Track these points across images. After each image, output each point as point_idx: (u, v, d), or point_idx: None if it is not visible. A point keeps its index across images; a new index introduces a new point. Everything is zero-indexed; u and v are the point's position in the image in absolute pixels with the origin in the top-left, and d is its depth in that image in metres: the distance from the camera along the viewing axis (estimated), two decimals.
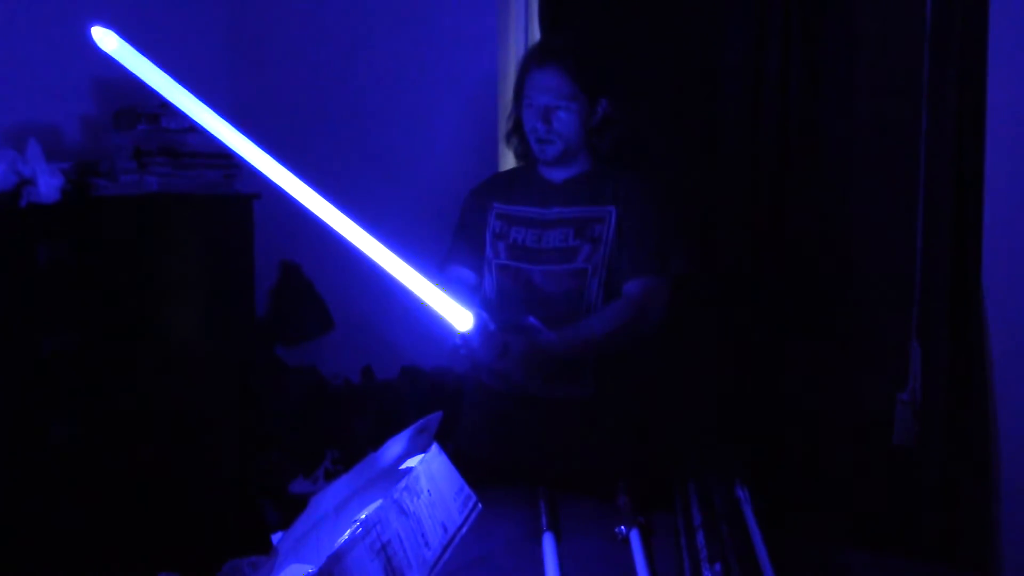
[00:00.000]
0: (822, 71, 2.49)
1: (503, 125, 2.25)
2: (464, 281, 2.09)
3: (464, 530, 1.57)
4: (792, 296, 2.54)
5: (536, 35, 2.79)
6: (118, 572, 2.28)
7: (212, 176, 2.93)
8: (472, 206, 2.17)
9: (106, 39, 1.50)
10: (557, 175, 2.10)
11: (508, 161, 2.37)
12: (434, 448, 1.64)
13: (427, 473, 1.55)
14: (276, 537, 1.28)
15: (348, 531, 1.28)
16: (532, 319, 1.91)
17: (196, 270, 2.96)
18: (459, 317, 1.83)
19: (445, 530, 1.51)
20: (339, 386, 3.27)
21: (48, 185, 2.51)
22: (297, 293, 3.40)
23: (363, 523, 1.31)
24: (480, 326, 1.84)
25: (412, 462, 1.57)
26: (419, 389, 3.03)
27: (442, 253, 2.17)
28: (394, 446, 1.51)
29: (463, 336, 1.85)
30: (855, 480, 2.48)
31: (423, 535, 1.43)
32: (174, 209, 2.88)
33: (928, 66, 2.26)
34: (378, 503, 1.38)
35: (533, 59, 2.08)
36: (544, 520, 1.58)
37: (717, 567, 1.30)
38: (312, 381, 3.29)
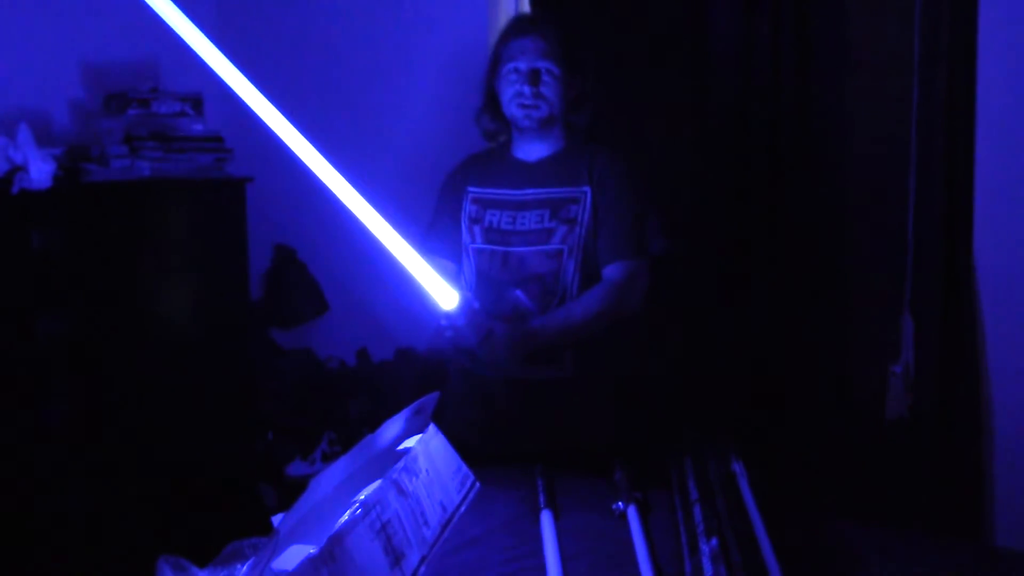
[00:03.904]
0: (814, 48, 2.48)
1: None
2: (444, 271, 2.02)
3: (463, 509, 1.58)
4: (784, 270, 2.54)
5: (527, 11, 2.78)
6: (118, 556, 2.29)
7: (204, 160, 2.92)
8: (447, 191, 2.14)
9: None
10: (531, 154, 2.08)
11: None
12: (431, 428, 1.65)
13: (425, 453, 1.57)
14: (277, 519, 1.29)
15: (348, 512, 1.29)
16: (519, 292, 1.91)
17: (189, 254, 2.95)
18: (445, 296, 1.83)
19: (444, 509, 1.53)
20: (334, 368, 3.27)
21: (40, 171, 2.50)
22: (291, 276, 3.39)
23: (363, 503, 1.32)
24: (466, 306, 1.84)
25: (410, 442, 1.58)
26: (415, 371, 3.03)
27: (419, 237, 2.14)
28: (391, 427, 1.52)
29: (448, 316, 1.85)
30: (849, 452, 2.50)
31: (422, 514, 1.45)
32: (166, 194, 2.87)
33: (919, 41, 2.26)
34: (377, 483, 1.39)
35: (514, 28, 2.08)
36: (542, 498, 1.59)
37: (714, 542, 1.31)
38: (307, 364, 3.29)
